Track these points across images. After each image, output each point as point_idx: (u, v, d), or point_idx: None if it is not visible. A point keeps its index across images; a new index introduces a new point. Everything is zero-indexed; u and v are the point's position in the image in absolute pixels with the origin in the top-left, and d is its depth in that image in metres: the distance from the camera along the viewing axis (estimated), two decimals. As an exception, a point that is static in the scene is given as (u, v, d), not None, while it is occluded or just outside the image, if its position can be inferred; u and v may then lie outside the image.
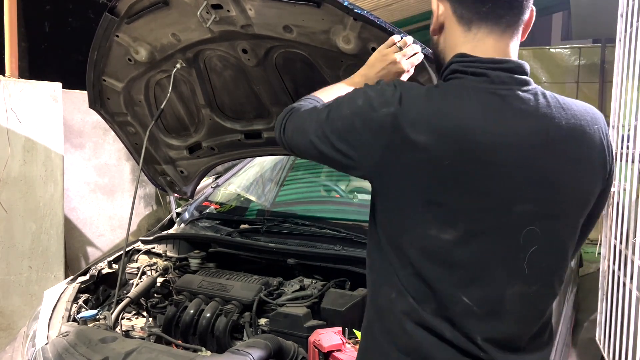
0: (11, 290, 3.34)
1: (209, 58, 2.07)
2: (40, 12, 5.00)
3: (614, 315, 2.92)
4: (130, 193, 4.29)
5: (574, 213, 1.01)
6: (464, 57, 1.00)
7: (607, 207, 3.10)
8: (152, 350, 1.63)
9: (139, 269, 2.34)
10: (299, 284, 2.09)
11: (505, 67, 0.98)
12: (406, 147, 0.93)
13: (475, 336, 0.96)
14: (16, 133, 3.30)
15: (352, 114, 1.01)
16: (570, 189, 0.99)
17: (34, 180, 3.39)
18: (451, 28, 1.04)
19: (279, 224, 2.47)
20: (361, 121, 0.98)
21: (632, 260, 2.64)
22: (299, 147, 1.13)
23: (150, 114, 2.36)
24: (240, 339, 1.91)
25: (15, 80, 3.36)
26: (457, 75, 0.99)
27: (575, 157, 0.98)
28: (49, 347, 1.73)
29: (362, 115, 0.99)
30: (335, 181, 3.02)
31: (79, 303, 2.09)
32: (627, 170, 2.80)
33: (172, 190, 2.76)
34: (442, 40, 1.07)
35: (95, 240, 4.12)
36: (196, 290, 2.08)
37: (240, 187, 3.09)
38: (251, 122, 2.33)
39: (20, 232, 3.35)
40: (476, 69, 0.98)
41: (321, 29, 1.69)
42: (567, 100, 1.02)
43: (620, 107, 3.02)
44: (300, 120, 1.14)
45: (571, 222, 1.01)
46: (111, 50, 2.10)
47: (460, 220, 0.95)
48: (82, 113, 3.93)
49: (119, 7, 1.92)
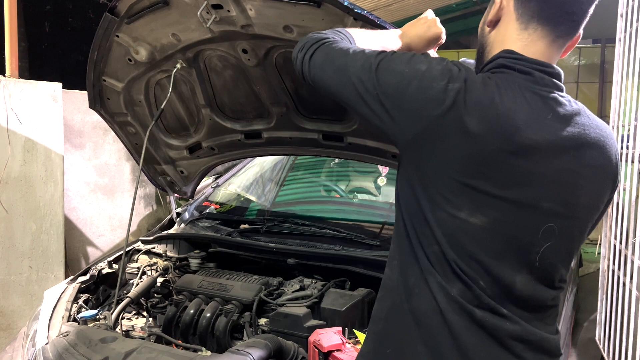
0: (11, 290, 3.34)
1: (209, 58, 2.07)
2: (40, 12, 5.01)
3: (613, 315, 2.92)
4: (130, 193, 4.30)
5: (586, 217, 1.07)
6: (512, 53, 1.03)
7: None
8: (152, 350, 1.63)
9: (139, 269, 2.34)
10: (299, 284, 2.09)
11: (549, 71, 1.03)
12: (457, 127, 0.95)
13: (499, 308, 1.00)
14: (16, 133, 3.30)
15: (410, 75, 0.99)
16: (588, 194, 1.04)
17: (34, 180, 3.39)
18: (508, 24, 1.06)
19: (279, 224, 2.47)
20: (418, 86, 0.98)
21: (632, 260, 2.65)
22: (328, 81, 1.09)
23: (150, 114, 2.36)
24: (240, 339, 1.91)
25: (15, 80, 3.36)
26: (504, 70, 1.02)
27: (596, 165, 1.04)
28: (49, 347, 1.73)
29: (423, 81, 0.98)
30: (335, 181, 3.03)
31: (79, 303, 2.09)
32: (627, 170, 2.81)
33: (172, 190, 2.76)
34: (495, 33, 1.09)
35: (95, 240, 4.12)
36: (196, 290, 2.08)
37: (240, 187, 3.10)
38: (251, 122, 2.33)
39: (20, 232, 3.35)
40: (522, 66, 1.01)
41: (321, 28, 1.69)
42: (589, 112, 1.08)
43: (620, 107, 3.03)
44: (338, 55, 1.09)
45: (582, 224, 1.07)
46: (111, 50, 2.10)
47: (491, 207, 0.98)
48: (82, 113, 3.93)
49: (119, 7, 1.92)
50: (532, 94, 0.99)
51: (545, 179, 0.98)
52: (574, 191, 1.02)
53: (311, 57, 1.12)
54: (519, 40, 1.04)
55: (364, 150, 2.18)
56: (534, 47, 1.03)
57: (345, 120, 2.12)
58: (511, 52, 1.03)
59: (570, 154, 1.00)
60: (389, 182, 2.56)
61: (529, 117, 0.97)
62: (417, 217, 1.03)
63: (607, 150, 1.06)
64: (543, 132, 0.98)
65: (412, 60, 1.02)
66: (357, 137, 2.14)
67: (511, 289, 1.01)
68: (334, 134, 2.20)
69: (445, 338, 1.00)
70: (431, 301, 1.01)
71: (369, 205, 2.75)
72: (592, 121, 1.05)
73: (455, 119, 0.95)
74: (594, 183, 1.05)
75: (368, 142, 2.14)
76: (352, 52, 1.08)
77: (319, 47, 1.12)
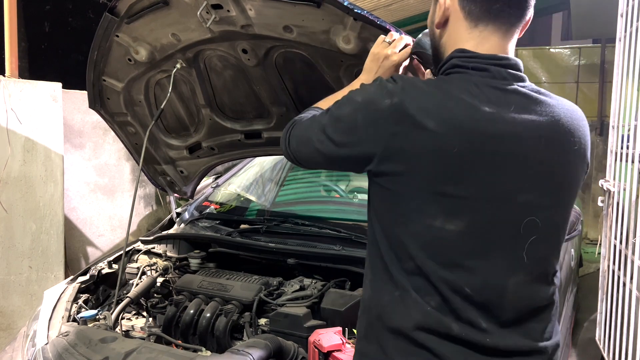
0: (11, 290, 3.34)
1: (209, 58, 2.07)
2: (40, 12, 5.01)
3: (614, 315, 2.92)
4: (130, 193, 4.29)
5: (567, 203, 1.06)
6: (465, 52, 1.03)
7: (607, 207, 3.10)
8: (152, 350, 1.63)
9: (139, 269, 2.34)
10: (299, 284, 2.09)
11: (505, 63, 1.02)
12: (416, 132, 0.94)
13: (479, 322, 0.98)
14: (16, 133, 3.30)
15: (353, 111, 1.01)
16: (565, 180, 1.04)
17: (34, 180, 3.39)
18: (456, 23, 1.05)
19: (279, 224, 2.47)
20: (363, 115, 0.99)
21: (632, 260, 2.65)
22: (305, 157, 1.14)
23: (150, 114, 2.36)
24: (240, 339, 1.91)
25: (15, 80, 3.36)
26: (458, 69, 1.01)
27: (569, 150, 1.03)
28: (49, 347, 1.73)
29: (364, 110, 0.99)
30: (335, 181, 3.02)
31: (79, 303, 2.09)
32: (627, 170, 2.80)
33: (172, 190, 2.76)
34: (445, 34, 1.08)
35: (95, 240, 4.12)
36: (196, 290, 2.08)
37: (240, 187, 3.09)
38: (251, 122, 2.33)
39: (20, 232, 3.35)
40: (477, 64, 1.00)
41: (321, 29, 1.69)
42: (556, 96, 1.06)
43: (620, 107, 3.02)
44: (302, 130, 1.14)
45: (564, 212, 1.06)
46: (111, 50, 2.09)
47: (465, 210, 0.96)
48: (82, 113, 3.93)
49: (119, 7, 1.92)
50: (491, 88, 0.98)
51: (516, 172, 0.97)
52: (552, 179, 1.01)
53: (289, 142, 1.17)
54: (470, 39, 1.03)
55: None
56: (488, 43, 1.03)
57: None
58: (463, 50, 1.03)
59: (540, 142, 0.98)
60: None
61: (488, 112, 0.95)
62: (391, 235, 1.02)
63: (580, 133, 1.04)
64: (507, 126, 0.96)
65: (350, 97, 1.05)
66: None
67: (503, 290, 0.99)
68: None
69: (424, 353, 0.98)
70: (407, 318, 0.99)
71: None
72: (560, 107, 1.03)
73: (413, 125, 0.94)
74: (568, 168, 1.04)
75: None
76: (310, 121, 1.13)
77: (291, 130, 1.17)
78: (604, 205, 3.17)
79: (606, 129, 6.20)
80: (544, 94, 1.03)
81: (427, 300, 0.98)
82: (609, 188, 3.08)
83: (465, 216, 0.96)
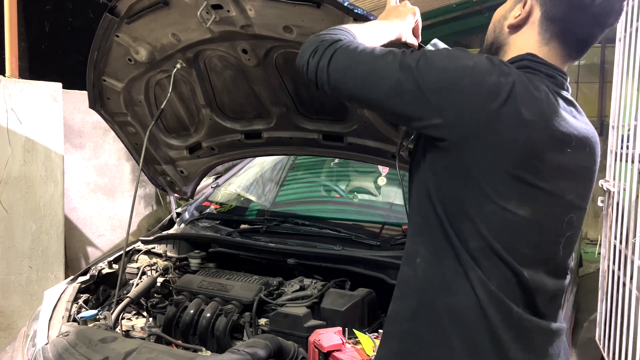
0: (11, 290, 3.34)
1: (209, 58, 2.07)
2: (40, 12, 5.01)
3: (613, 315, 2.92)
4: (130, 193, 4.30)
5: (586, 208, 1.15)
6: (536, 57, 1.09)
7: (607, 207, 3.10)
8: (152, 350, 1.63)
9: (139, 269, 2.34)
10: (299, 284, 2.09)
11: (564, 76, 1.11)
12: (513, 119, 0.98)
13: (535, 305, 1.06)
14: (16, 133, 3.30)
15: (459, 71, 0.99)
16: (592, 187, 1.14)
17: (34, 180, 3.39)
18: (530, 34, 1.11)
19: (279, 224, 2.47)
20: (470, 81, 0.98)
21: (632, 260, 2.65)
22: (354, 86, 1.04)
23: (150, 114, 2.36)
24: (240, 339, 1.91)
25: (15, 80, 3.36)
26: (530, 70, 1.06)
27: (597, 159, 1.14)
28: (49, 347, 1.73)
29: (474, 76, 0.98)
30: (335, 181, 3.03)
31: (79, 303, 2.09)
32: (627, 170, 2.81)
33: (172, 190, 2.76)
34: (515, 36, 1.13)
35: (95, 240, 4.12)
36: (196, 290, 2.08)
37: (240, 187, 3.09)
38: (251, 122, 2.33)
39: (20, 232, 3.35)
40: (546, 70, 1.08)
41: (321, 29, 1.69)
42: None
43: (620, 107, 3.03)
44: (364, 57, 1.03)
45: (584, 216, 1.15)
46: (111, 50, 2.09)
47: (533, 198, 1.02)
48: (82, 113, 3.93)
49: (119, 7, 1.92)
50: (556, 94, 1.05)
51: (570, 172, 1.06)
52: (586, 183, 1.11)
53: (329, 62, 1.04)
54: (539, 52, 1.09)
55: (364, 150, 2.18)
56: (552, 60, 1.10)
57: (345, 120, 2.12)
58: (535, 56, 1.09)
59: (586, 150, 1.08)
60: (389, 182, 2.56)
61: (559, 114, 1.02)
62: (458, 212, 1.03)
63: (599, 146, 1.15)
64: (571, 129, 1.04)
65: (454, 56, 1.02)
66: (357, 137, 2.14)
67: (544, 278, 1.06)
68: (334, 134, 2.20)
69: (483, 333, 1.02)
70: (471, 296, 1.02)
71: (369, 205, 2.75)
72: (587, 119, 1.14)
73: (512, 111, 0.98)
74: (594, 176, 1.14)
75: (368, 142, 2.14)
76: (379, 52, 1.04)
77: (336, 50, 1.05)
78: (604, 205, 3.17)
79: (606, 129, 6.19)
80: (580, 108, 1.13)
81: (492, 280, 1.01)
82: (609, 188, 3.08)
83: (532, 204, 1.02)
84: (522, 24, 1.11)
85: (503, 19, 1.15)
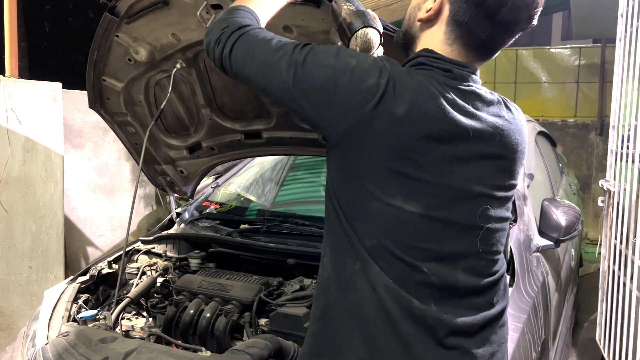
0: (11, 290, 3.34)
1: (209, 58, 2.07)
2: (40, 12, 5.00)
3: (614, 315, 2.92)
4: (130, 193, 4.29)
5: (510, 196, 1.14)
6: (432, 53, 1.09)
7: (607, 207, 3.10)
8: (152, 350, 1.63)
9: (139, 269, 2.33)
10: (299, 284, 2.09)
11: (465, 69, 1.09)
12: (387, 118, 0.98)
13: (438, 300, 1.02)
14: (16, 133, 3.30)
15: (340, 68, 1.00)
16: (512, 175, 1.12)
17: (34, 180, 3.39)
18: (437, 31, 1.10)
19: (279, 224, 2.47)
20: (349, 79, 0.99)
21: (632, 260, 2.64)
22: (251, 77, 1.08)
23: (150, 114, 2.36)
24: (240, 339, 1.91)
25: (15, 80, 3.35)
26: (423, 67, 1.06)
27: (516, 148, 1.12)
28: (49, 347, 1.73)
29: (354, 75, 0.99)
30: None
31: (79, 303, 2.09)
32: (627, 170, 2.80)
33: (172, 190, 2.76)
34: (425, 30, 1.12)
35: (95, 240, 4.12)
36: (196, 290, 2.08)
37: (240, 187, 3.09)
38: (251, 122, 2.33)
39: (20, 232, 3.35)
40: (442, 64, 1.07)
41: (321, 29, 1.69)
42: (505, 98, 1.16)
43: (621, 107, 3.02)
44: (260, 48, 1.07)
45: (508, 204, 1.14)
46: (111, 50, 2.09)
47: (423, 193, 1.01)
48: (82, 113, 3.93)
49: (119, 7, 1.92)
50: (451, 88, 1.04)
51: (471, 164, 1.04)
52: (501, 175, 1.09)
53: (231, 52, 1.10)
54: (442, 51, 1.09)
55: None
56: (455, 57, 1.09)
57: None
58: (431, 51, 1.09)
59: (495, 139, 1.07)
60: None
61: (449, 107, 1.01)
62: (351, 211, 1.03)
63: (522, 133, 1.14)
64: (465, 121, 1.02)
65: (339, 53, 1.03)
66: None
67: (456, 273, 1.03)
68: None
69: (384, 329, 1.00)
70: (369, 292, 1.01)
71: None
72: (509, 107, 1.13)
73: (385, 111, 0.97)
74: (514, 165, 1.12)
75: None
76: (274, 44, 1.07)
77: (237, 40, 1.10)
78: (604, 205, 3.16)
79: (606, 129, 6.19)
80: (496, 97, 1.12)
81: (389, 273, 1.01)
82: (609, 188, 3.08)
83: (422, 199, 1.01)
84: (432, 19, 1.10)
85: (417, 9, 1.13)
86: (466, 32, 1.06)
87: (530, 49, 7.37)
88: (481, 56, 1.11)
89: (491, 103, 1.09)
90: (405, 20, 1.17)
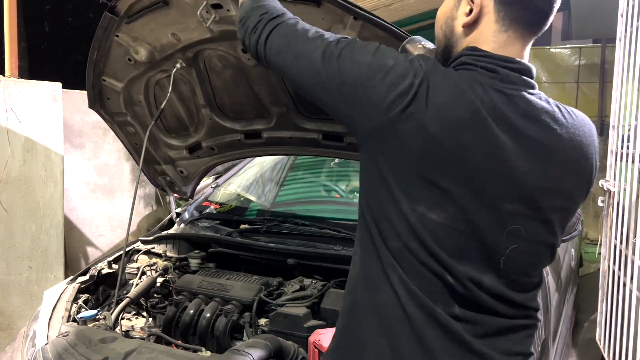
0: (11, 290, 3.34)
1: (209, 58, 2.07)
2: (40, 12, 5.00)
3: (614, 316, 2.92)
4: (130, 193, 4.29)
5: (559, 221, 1.03)
6: (476, 50, 1.01)
7: (608, 207, 3.10)
8: (152, 351, 1.63)
9: (139, 269, 2.33)
10: (299, 284, 2.09)
11: (514, 67, 1.00)
12: (414, 120, 0.93)
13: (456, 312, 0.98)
14: (16, 133, 3.29)
15: (376, 67, 0.97)
16: (560, 197, 1.01)
17: (34, 180, 3.38)
18: (486, 25, 1.01)
19: (279, 224, 2.47)
20: (383, 79, 0.96)
21: (632, 260, 2.64)
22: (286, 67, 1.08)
23: (150, 114, 2.36)
24: (240, 339, 1.91)
25: (15, 80, 3.35)
26: (467, 67, 0.99)
27: (568, 167, 1.01)
28: (48, 347, 1.73)
29: (389, 76, 0.96)
30: (335, 181, 3.02)
31: (78, 303, 2.09)
32: (627, 170, 2.80)
33: (172, 190, 2.76)
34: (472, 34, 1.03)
35: (95, 240, 4.11)
36: (196, 290, 2.08)
37: (240, 187, 3.09)
38: (251, 122, 2.32)
39: (20, 232, 3.35)
40: (486, 63, 0.98)
41: (321, 28, 1.69)
42: (568, 108, 1.04)
43: (620, 107, 3.02)
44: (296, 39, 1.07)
45: (552, 227, 1.03)
46: (111, 50, 2.09)
47: (450, 203, 0.95)
48: (82, 113, 3.93)
49: (119, 7, 1.92)
50: (496, 92, 0.96)
51: (508, 180, 0.95)
52: (545, 194, 0.98)
53: (267, 40, 1.10)
54: (493, 42, 1.00)
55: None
56: (509, 47, 1.01)
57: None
58: (474, 48, 1.01)
59: (537, 155, 0.97)
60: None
61: (487, 116, 0.94)
62: (378, 211, 1.01)
63: (583, 150, 1.02)
64: (505, 133, 0.94)
65: (378, 52, 1.00)
66: (357, 137, 2.14)
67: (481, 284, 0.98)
68: (334, 134, 2.20)
69: (407, 332, 0.99)
70: (392, 294, 1.00)
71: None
72: (567, 120, 1.01)
73: (413, 115, 0.93)
74: (568, 186, 1.02)
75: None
76: (311, 36, 1.06)
77: (273, 27, 1.10)
78: (604, 205, 3.16)
79: (606, 129, 6.18)
80: (552, 105, 1.01)
81: (411, 279, 0.98)
82: (609, 188, 3.08)
83: (448, 209, 0.95)
84: (477, 19, 1.01)
85: (451, 20, 1.05)
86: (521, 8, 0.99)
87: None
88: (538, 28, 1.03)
89: (543, 111, 0.98)
90: (440, 38, 1.09)
